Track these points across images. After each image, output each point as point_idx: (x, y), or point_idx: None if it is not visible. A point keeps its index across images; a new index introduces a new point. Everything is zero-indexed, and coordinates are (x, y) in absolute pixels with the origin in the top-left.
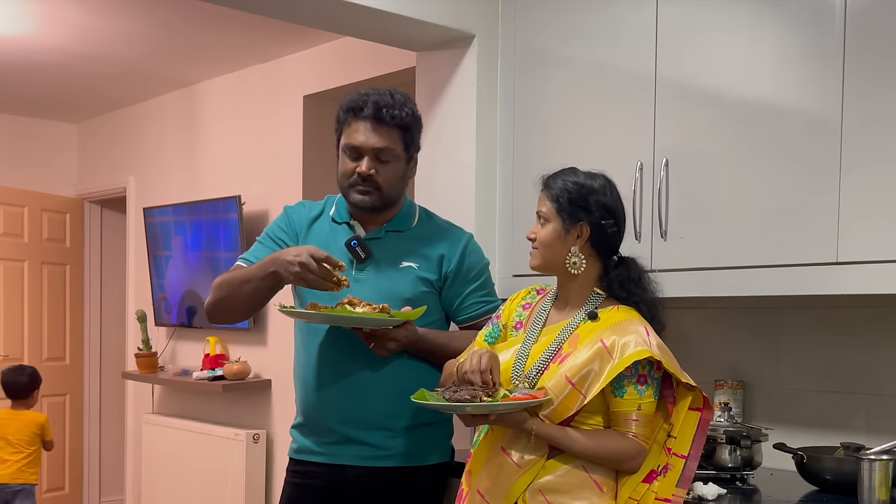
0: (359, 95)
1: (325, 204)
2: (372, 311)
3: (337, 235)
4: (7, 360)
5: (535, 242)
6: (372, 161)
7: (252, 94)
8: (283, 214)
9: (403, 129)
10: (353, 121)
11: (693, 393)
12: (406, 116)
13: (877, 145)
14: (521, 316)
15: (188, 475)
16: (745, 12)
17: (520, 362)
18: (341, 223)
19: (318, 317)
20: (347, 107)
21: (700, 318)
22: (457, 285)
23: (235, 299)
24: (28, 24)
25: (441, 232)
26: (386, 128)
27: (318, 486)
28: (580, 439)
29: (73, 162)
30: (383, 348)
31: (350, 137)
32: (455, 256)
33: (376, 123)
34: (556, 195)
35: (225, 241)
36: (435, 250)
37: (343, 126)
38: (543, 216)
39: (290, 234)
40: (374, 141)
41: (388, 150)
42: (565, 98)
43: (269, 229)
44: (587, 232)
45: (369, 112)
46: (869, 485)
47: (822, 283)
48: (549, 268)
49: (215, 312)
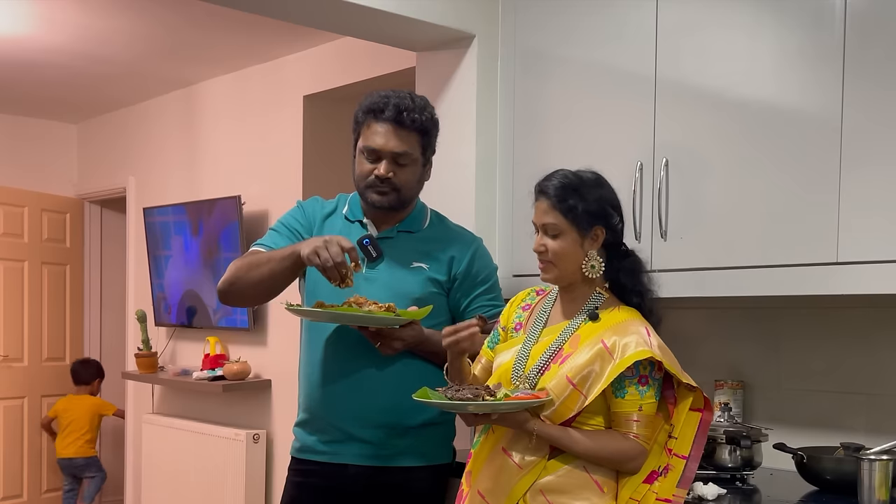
0: (379, 97)
1: (337, 202)
2: (378, 310)
3: (350, 233)
4: (6, 360)
5: (548, 256)
6: (390, 164)
7: (252, 95)
8: (297, 208)
9: (422, 133)
10: (372, 122)
11: (694, 394)
12: (426, 121)
13: (877, 145)
14: (521, 317)
15: (188, 475)
16: (745, 12)
17: (520, 363)
18: (354, 221)
19: (325, 315)
20: (368, 108)
21: (700, 318)
22: (465, 288)
23: (251, 279)
24: (28, 24)
25: (452, 235)
26: (406, 131)
27: (319, 485)
28: (581, 440)
29: (73, 162)
30: (389, 347)
31: (369, 140)
32: (465, 259)
33: (396, 126)
34: (568, 207)
35: (225, 241)
36: (445, 252)
37: (362, 127)
38: (552, 228)
39: (305, 225)
40: (394, 145)
41: (407, 154)
42: (565, 98)
43: (285, 219)
44: (603, 234)
45: (390, 115)
46: (869, 485)
47: (822, 283)
48: (566, 279)
49: (228, 292)
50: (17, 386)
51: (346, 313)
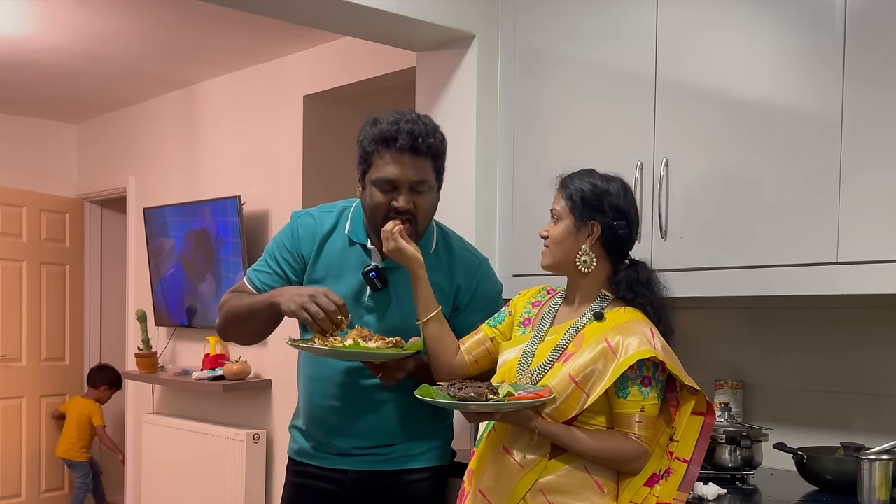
0: (388, 125)
1: (338, 216)
2: (385, 346)
3: (350, 257)
4: (4, 360)
5: (547, 240)
6: (409, 194)
7: (252, 95)
8: (289, 228)
9: (436, 157)
10: (385, 152)
11: (696, 397)
12: (440, 143)
13: (877, 145)
14: (530, 313)
15: (188, 475)
16: (745, 12)
17: (525, 360)
18: (356, 243)
19: (330, 352)
20: (378, 137)
21: (700, 318)
22: (467, 313)
23: (239, 331)
24: (28, 24)
25: (457, 261)
26: (421, 159)
27: (319, 487)
28: (583, 439)
29: (73, 162)
30: (391, 378)
31: (383, 171)
32: (471, 290)
33: (412, 155)
34: (570, 194)
35: (225, 241)
36: (451, 282)
37: (372, 157)
38: (557, 214)
39: (295, 257)
40: (412, 174)
41: (425, 182)
42: (565, 98)
43: (276, 243)
44: (598, 231)
45: (405, 143)
46: (869, 485)
47: (822, 283)
48: (560, 266)
49: (224, 337)
50: (15, 386)
51: (352, 350)
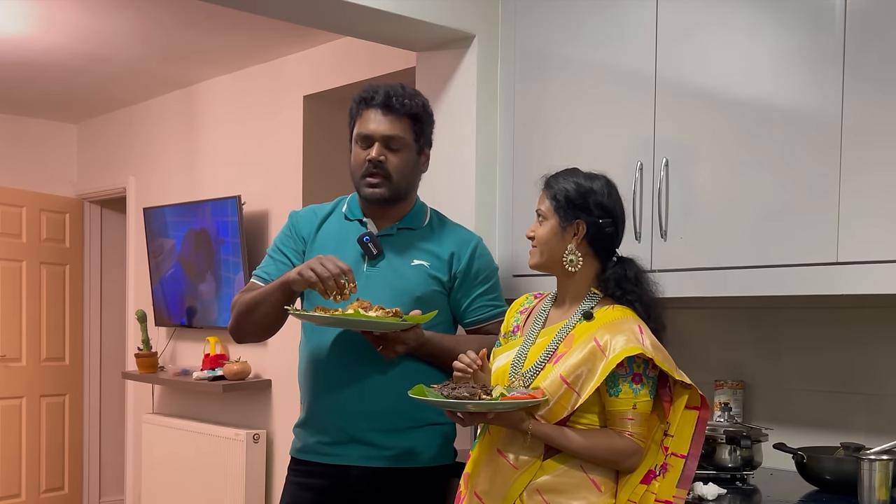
0: (370, 87)
1: (336, 203)
2: (385, 315)
3: (348, 232)
4: (4, 360)
5: (534, 241)
6: (382, 148)
7: (252, 95)
8: (288, 223)
9: (413, 118)
10: (364, 110)
11: (689, 391)
12: (416, 106)
13: (877, 145)
14: (518, 320)
15: (188, 475)
16: (744, 12)
17: (517, 363)
18: (353, 220)
19: (330, 320)
20: (360, 98)
21: (700, 318)
22: (465, 287)
23: (252, 323)
24: (28, 24)
25: (452, 233)
26: (396, 116)
27: (320, 486)
28: (576, 438)
29: (72, 162)
30: (391, 351)
31: (361, 126)
32: (465, 257)
33: (386, 111)
34: (555, 194)
35: (225, 241)
36: (446, 249)
37: (355, 117)
38: (542, 214)
39: (296, 241)
40: (385, 128)
41: (398, 138)
42: (565, 98)
43: (279, 240)
44: (584, 230)
45: (380, 100)
46: (869, 485)
47: (822, 283)
48: (547, 265)
49: (238, 335)
50: (15, 386)
51: (351, 318)
